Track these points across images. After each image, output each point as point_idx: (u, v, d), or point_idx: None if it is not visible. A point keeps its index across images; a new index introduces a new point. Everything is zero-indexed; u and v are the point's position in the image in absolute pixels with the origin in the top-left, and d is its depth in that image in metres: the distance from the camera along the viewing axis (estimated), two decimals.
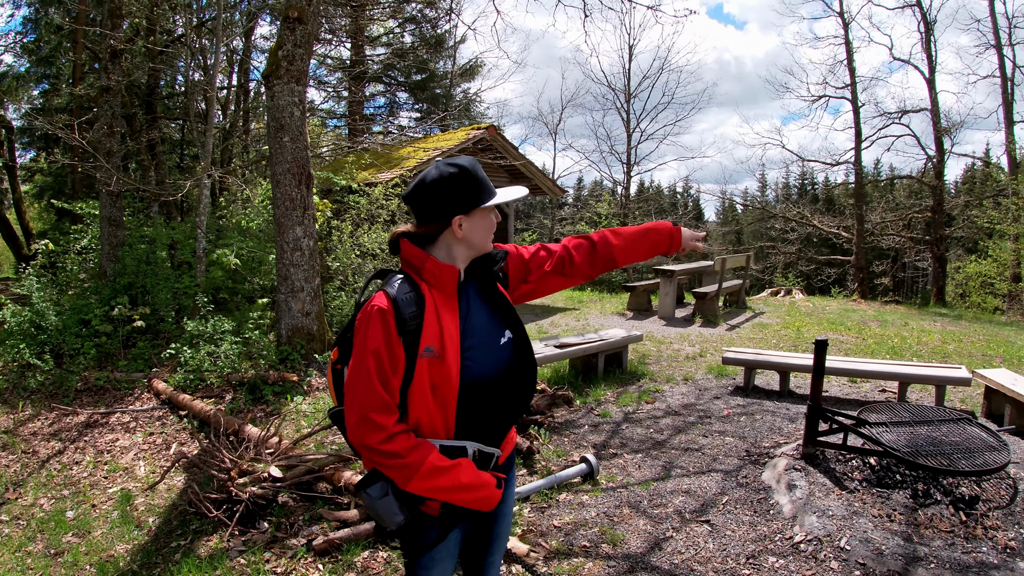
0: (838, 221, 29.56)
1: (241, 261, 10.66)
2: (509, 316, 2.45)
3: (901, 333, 12.92)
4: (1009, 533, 4.67)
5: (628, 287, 15.09)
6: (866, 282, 27.33)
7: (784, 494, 5.18)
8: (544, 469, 5.74)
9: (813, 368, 5.62)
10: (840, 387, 8.73)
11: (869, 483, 5.29)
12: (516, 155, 15.95)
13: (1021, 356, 10.90)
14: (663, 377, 8.85)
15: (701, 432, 6.80)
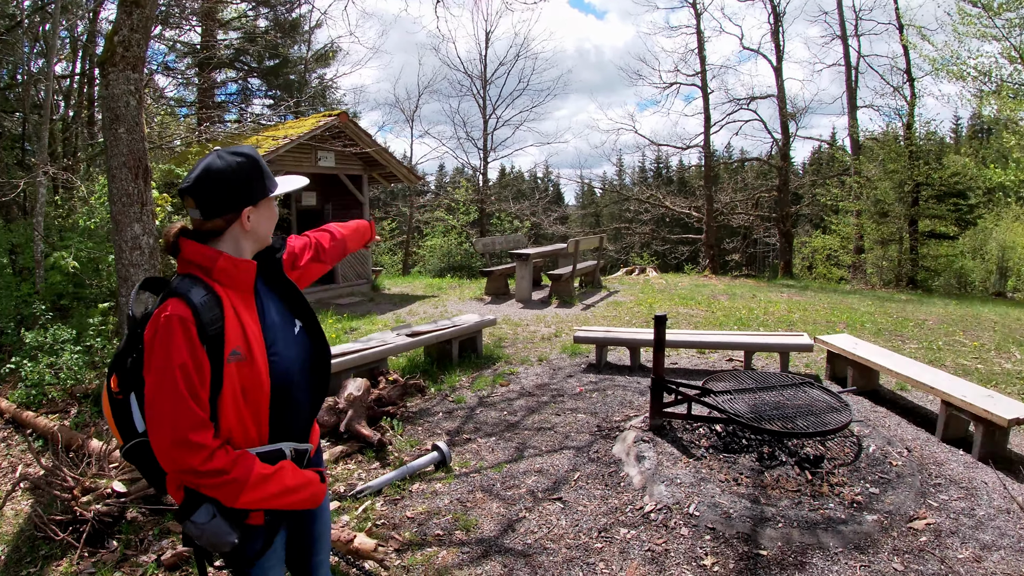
0: (690, 202, 30.77)
1: (81, 263, 9.97)
2: (298, 304, 2.39)
3: (749, 305, 13.51)
4: (855, 488, 4.91)
5: (485, 272, 15.10)
6: (717, 259, 28.56)
7: (634, 466, 5.28)
8: (397, 460, 5.59)
9: (654, 343, 5.78)
10: (690, 359, 9.02)
11: (716, 449, 5.45)
12: (369, 142, 15.62)
13: (864, 322, 11.59)
14: (518, 359, 8.88)
15: (554, 411, 6.84)
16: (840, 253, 29.09)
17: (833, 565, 4.08)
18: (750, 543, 4.26)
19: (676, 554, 4.16)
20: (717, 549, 4.21)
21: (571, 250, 14.18)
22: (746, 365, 8.34)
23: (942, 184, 24.89)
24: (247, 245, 2.24)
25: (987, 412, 5.60)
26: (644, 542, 4.29)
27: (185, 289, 2.04)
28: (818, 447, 5.56)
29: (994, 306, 15.89)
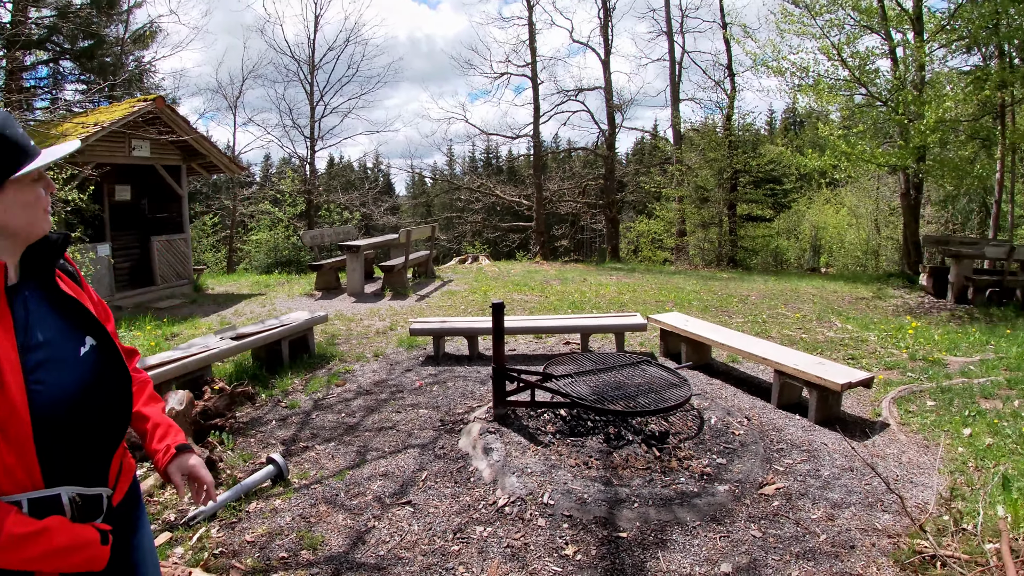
0: (520, 190, 31.17)
1: None
2: (86, 319, 1.89)
3: (581, 288, 13.72)
4: (703, 460, 4.95)
5: (315, 266, 14.51)
6: (547, 245, 29.15)
7: (482, 459, 5.10)
8: (230, 479, 5.09)
9: (492, 331, 5.63)
10: (528, 344, 8.97)
11: (563, 434, 5.37)
12: (187, 129, 14.53)
13: (690, 299, 12.00)
14: (353, 356, 8.50)
15: (395, 408, 6.55)
16: (664, 237, 30.93)
17: (693, 540, 4.08)
18: (609, 527, 4.19)
19: (536, 547, 4.02)
20: (577, 537, 4.11)
21: (403, 240, 13.89)
22: (583, 347, 8.39)
23: (759, 171, 26.93)
24: (33, 231, 1.76)
25: (821, 378, 5.85)
26: (502, 538, 4.12)
27: None
28: (662, 423, 5.61)
29: (810, 280, 17.01)
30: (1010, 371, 7.48)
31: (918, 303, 13.22)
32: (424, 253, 16.08)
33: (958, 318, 11.57)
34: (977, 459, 5.24)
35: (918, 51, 15.35)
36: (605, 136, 28.73)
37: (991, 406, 6.39)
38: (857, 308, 12.17)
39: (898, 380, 7.27)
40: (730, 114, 27.41)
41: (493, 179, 33.92)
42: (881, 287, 15.39)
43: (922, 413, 6.26)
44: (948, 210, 30.07)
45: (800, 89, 17.27)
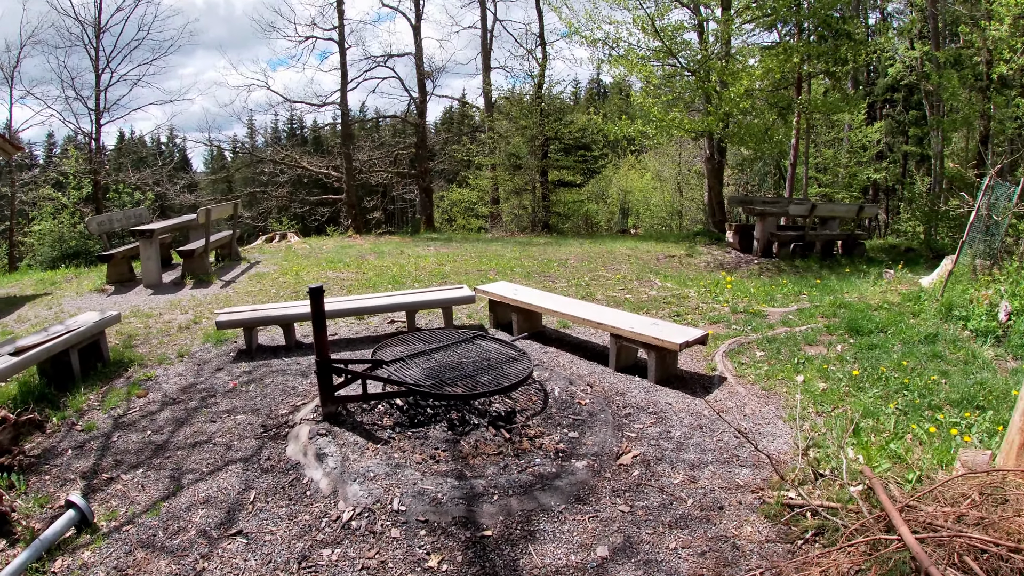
0: (327, 161, 29.91)
1: None
2: None
3: (399, 262, 13.28)
4: (555, 436, 4.74)
5: (104, 257, 13.14)
6: (360, 217, 28.38)
7: (316, 467, 4.63)
8: (27, 532, 4.25)
9: (313, 321, 5.10)
10: (349, 327, 8.50)
11: (403, 427, 5.01)
12: None
13: (512, 267, 11.86)
14: (155, 359, 7.62)
15: (207, 417, 5.87)
16: (478, 205, 30.89)
17: (562, 526, 3.89)
18: (471, 526, 3.90)
19: (395, 563, 3.66)
20: (438, 544, 3.79)
21: (202, 220, 12.83)
22: (410, 326, 8.02)
23: (570, 138, 27.57)
24: None
25: (658, 339, 5.82)
26: (354, 559, 3.71)
27: None
28: (506, 401, 5.36)
29: (623, 242, 17.49)
30: (827, 318, 7.88)
31: (727, 259, 13.88)
32: (227, 234, 14.98)
33: (767, 271, 12.21)
34: (816, 404, 5.42)
35: (726, 25, 16.34)
36: (416, 104, 28.29)
37: (816, 352, 6.65)
38: (672, 266, 12.54)
39: (725, 334, 7.44)
40: (541, 82, 27.74)
41: (298, 150, 32.41)
42: (691, 245, 16.09)
43: (754, 364, 6.41)
44: (746, 172, 32.42)
45: (612, 60, 17.62)
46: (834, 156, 30.15)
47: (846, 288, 9.56)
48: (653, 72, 17.44)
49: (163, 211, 30.87)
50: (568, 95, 48.84)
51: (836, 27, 16.34)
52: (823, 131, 30.26)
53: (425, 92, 28.04)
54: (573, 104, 41.87)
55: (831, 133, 30.86)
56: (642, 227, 34.38)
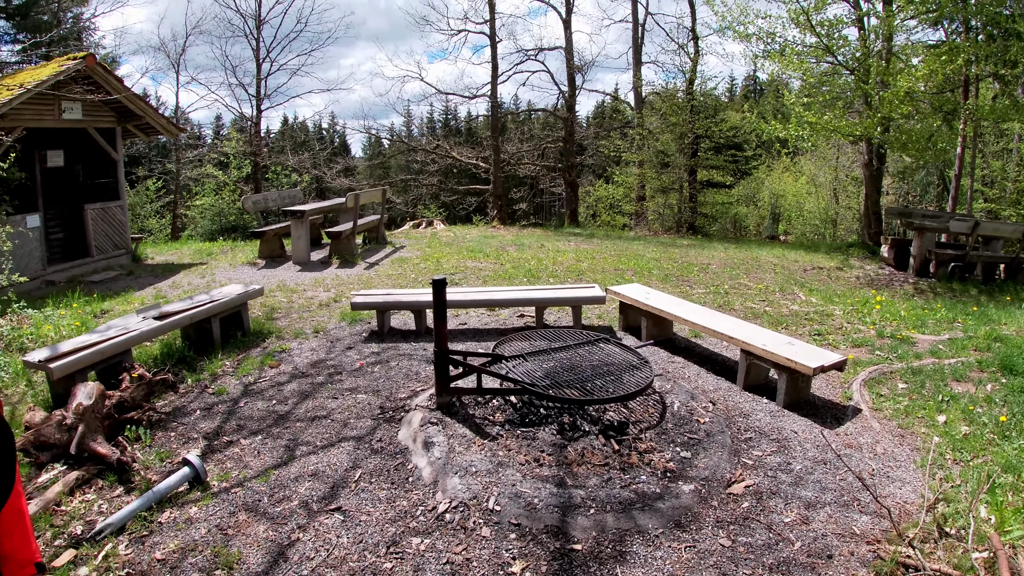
0: (477, 152, 30.28)
1: None
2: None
3: (538, 255, 13.23)
4: (665, 454, 4.51)
5: (257, 233, 13.81)
6: (505, 209, 28.49)
7: (422, 455, 4.62)
8: (143, 482, 4.52)
9: (434, 312, 5.08)
10: (479, 317, 8.50)
11: (512, 424, 4.90)
12: (120, 88, 13.56)
13: (650, 268, 11.58)
14: (292, 333, 7.92)
15: (331, 393, 6.02)
16: (623, 202, 30.39)
17: (655, 551, 3.68)
18: (561, 537, 3.76)
19: (479, 563, 3.58)
20: (526, 550, 3.67)
21: (350, 204, 13.26)
22: (538, 321, 7.92)
23: (720, 137, 26.68)
24: None
25: (791, 361, 5.43)
26: (441, 552, 3.66)
27: None
28: (621, 410, 5.17)
29: (770, 249, 16.73)
30: (979, 352, 7.16)
31: (880, 275, 13.01)
32: (375, 217, 15.43)
33: (921, 292, 11.35)
34: (955, 451, 4.89)
35: (888, 20, 15.08)
36: (565, 98, 28.04)
37: (963, 390, 6.05)
38: (819, 279, 11.89)
39: (867, 360, 6.91)
40: (692, 78, 26.87)
41: (450, 140, 33.09)
42: (843, 258, 15.18)
43: (894, 397, 5.90)
44: (907, 182, 30.34)
45: (768, 55, 16.88)
46: (1002, 169, 27.51)
47: (1005, 319, 8.70)
48: (810, 70, 16.57)
49: (321, 192, 32.15)
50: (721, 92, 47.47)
51: (1006, 26, 14.78)
52: (991, 140, 27.74)
53: (575, 86, 27.77)
54: (727, 102, 40.64)
55: (1000, 143, 28.22)
56: (792, 234, 32.85)
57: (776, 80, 21.48)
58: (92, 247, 13.92)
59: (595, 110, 54.99)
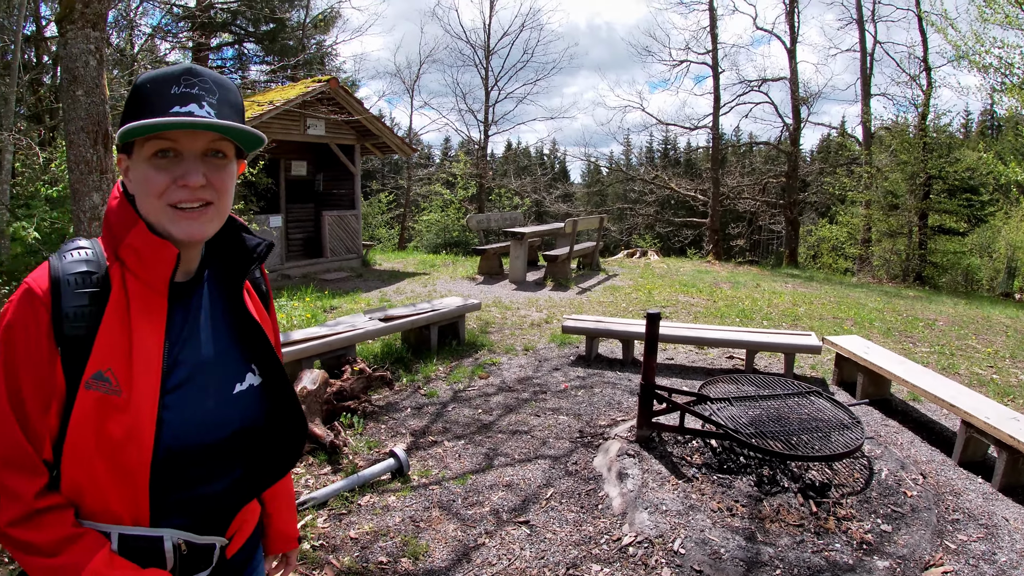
0: (696, 184, 29.92)
1: (43, 234, 9.34)
2: (259, 348, 1.53)
3: (752, 295, 12.88)
4: (865, 524, 4.26)
5: (478, 251, 14.45)
6: (721, 244, 27.79)
7: (615, 485, 4.64)
8: (350, 466, 4.93)
9: (645, 344, 5.09)
10: (687, 354, 8.40)
11: (710, 468, 4.80)
12: (359, 109, 14.91)
13: (871, 319, 10.95)
14: (503, 348, 8.24)
15: (534, 410, 6.18)
16: (847, 244, 28.55)
17: None
18: None
19: None
20: None
21: (568, 230, 13.54)
22: (748, 365, 7.71)
23: (955, 178, 24.40)
24: (155, 224, 1.37)
25: (1013, 439, 4.95)
26: None
27: (65, 255, 1.35)
28: (824, 470, 4.93)
29: (1003, 308, 15.24)
30: None
31: None
32: (590, 244, 15.68)
33: None
34: None
35: None
36: (789, 131, 27.10)
37: None
38: None
39: None
40: (925, 112, 24.58)
41: (669, 171, 32.94)
42: None
43: None
44: None
45: (1006, 89, 15.49)
46: None
47: None
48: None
49: (539, 216, 33.00)
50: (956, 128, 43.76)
51: None
52: None
53: (799, 119, 26.77)
54: (961, 139, 37.48)
55: None
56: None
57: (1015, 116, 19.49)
58: (327, 249, 15.18)
59: (820, 144, 52.64)
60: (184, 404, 1.36)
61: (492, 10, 31.19)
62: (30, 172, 11.03)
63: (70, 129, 6.77)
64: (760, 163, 33.95)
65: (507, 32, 31.44)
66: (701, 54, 27.05)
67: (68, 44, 6.66)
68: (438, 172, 31.84)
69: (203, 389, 1.40)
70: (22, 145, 10.81)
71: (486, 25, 30.19)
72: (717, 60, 26.60)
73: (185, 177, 1.32)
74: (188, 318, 1.43)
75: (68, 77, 6.76)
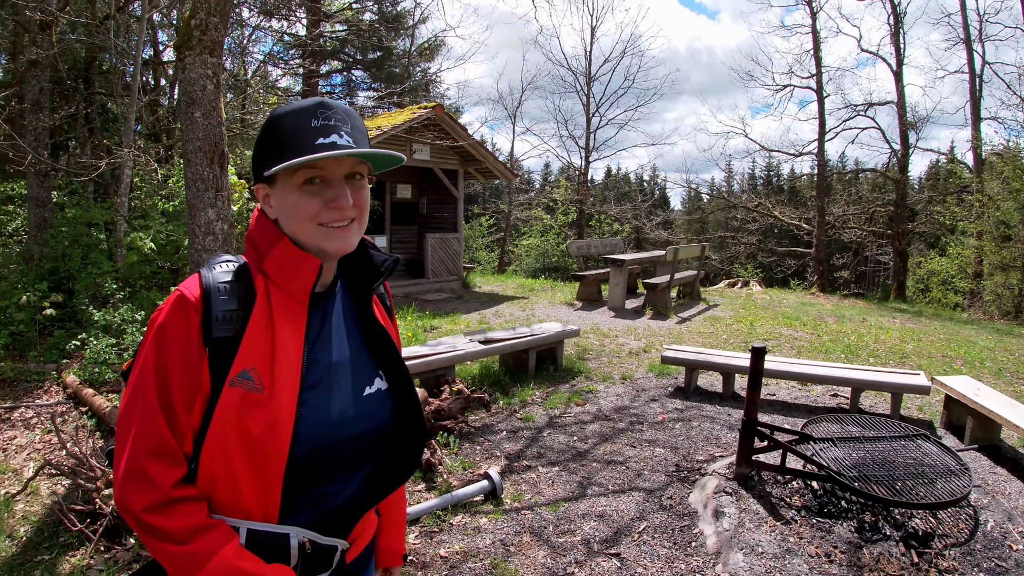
0: (800, 213, 29.01)
1: (159, 245, 9.91)
2: (387, 355, 1.63)
3: (858, 330, 12.43)
4: None
5: (578, 276, 14.45)
6: (826, 275, 26.83)
7: (710, 523, 4.54)
8: (444, 484, 4.99)
9: (749, 379, 4.96)
10: (789, 390, 8.16)
11: (809, 511, 4.64)
12: (464, 135, 15.24)
13: (983, 358, 10.42)
14: (600, 375, 8.19)
15: (629, 441, 6.11)
16: (957, 278, 27.06)
17: None
18: None
19: None
20: None
21: (669, 258, 13.39)
22: (852, 404, 7.43)
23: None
24: (307, 243, 1.50)
25: None
26: None
27: (214, 267, 1.49)
28: (928, 519, 4.70)
29: None
30: None
31: None
32: (691, 273, 15.47)
33: None
34: None
35: None
36: (897, 157, 25.89)
37: None
38: None
39: None
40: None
41: (772, 199, 31.99)
42: None
43: None
44: None
45: None
46: None
47: None
48: None
49: (639, 243, 32.78)
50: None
51: None
52: None
53: (907, 144, 25.49)
54: None
55: None
56: None
57: None
58: (428, 270, 15.49)
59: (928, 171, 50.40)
60: (319, 402, 1.46)
61: (593, 37, 31.37)
62: (148, 187, 11.73)
63: (188, 148, 7.12)
64: (867, 191, 32.71)
65: (608, 59, 31.62)
66: (805, 78, 26.43)
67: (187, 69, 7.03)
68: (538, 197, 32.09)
69: (336, 389, 1.51)
70: (141, 162, 11.52)
71: (587, 52, 30.43)
72: (821, 84, 25.91)
73: (337, 200, 1.45)
74: (324, 324, 1.55)
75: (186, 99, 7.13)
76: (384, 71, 26.56)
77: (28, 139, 10.97)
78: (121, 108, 13.02)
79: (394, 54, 26.87)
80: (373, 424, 1.55)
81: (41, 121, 11.40)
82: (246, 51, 20.37)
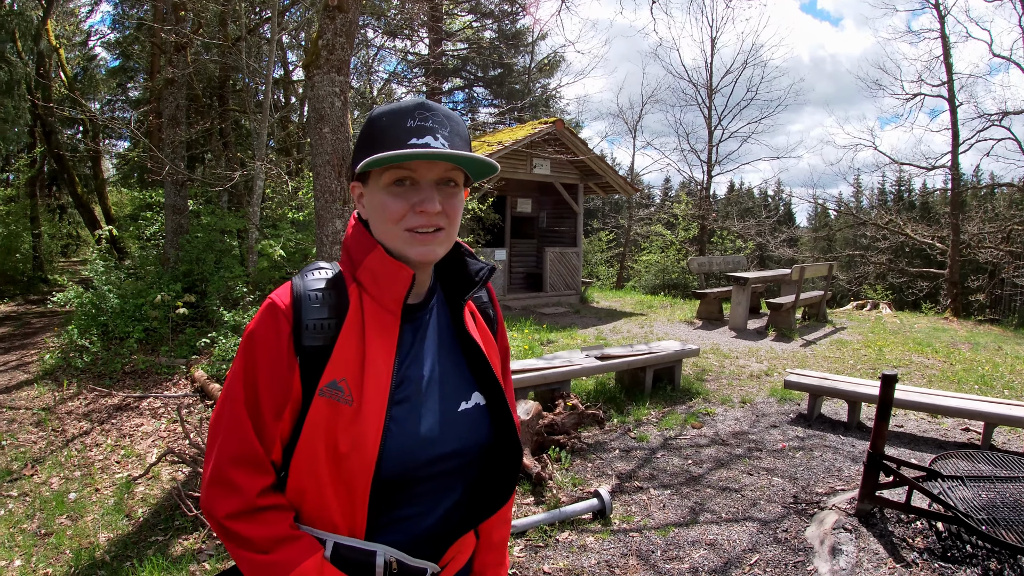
0: (932, 231, 27.27)
1: (288, 252, 10.40)
2: (483, 371, 1.57)
3: (994, 359, 11.71)
4: None
5: (699, 294, 14.21)
6: (960, 298, 25.21)
7: (826, 560, 4.37)
8: (553, 499, 5.02)
9: (877, 409, 4.75)
10: (918, 422, 7.76)
11: (932, 554, 4.40)
12: (583, 149, 15.31)
13: None
14: (719, 398, 8.03)
15: (746, 468, 5.95)
16: None
17: None
18: None
19: None
20: None
21: (795, 277, 12.98)
22: (984, 440, 6.99)
23: None
24: (392, 248, 1.47)
25: None
26: None
27: (307, 275, 1.49)
28: None
29: None
30: None
31: None
32: (818, 293, 14.94)
33: None
34: None
35: None
36: None
37: None
38: None
39: None
40: None
41: (903, 216, 30.40)
42: None
43: None
44: None
45: None
46: None
47: None
48: None
49: (762, 261, 31.93)
50: None
51: None
52: None
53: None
54: None
55: None
56: None
57: None
58: (547, 284, 15.60)
59: None
60: (408, 417, 1.42)
61: (713, 48, 30.90)
62: (279, 198, 12.33)
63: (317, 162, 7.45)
64: (1003, 207, 30.65)
65: (729, 70, 30.83)
66: (935, 86, 24.98)
67: (315, 87, 7.35)
68: (658, 212, 31.73)
69: (427, 405, 1.46)
70: (272, 174, 12.15)
71: (708, 63, 29.95)
72: (953, 92, 24.35)
73: (423, 204, 1.40)
74: (417, 337, 1.51)
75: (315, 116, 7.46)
76: (505, 87, 27.01)
77: (166, 151, 11.88)
78: (254, 124, 13.76)
79: (514, 71, 27.29)
80: (464, 442, 1.50)
81: (178, 135, 12.33)
82: (371, 70, 21.23)
